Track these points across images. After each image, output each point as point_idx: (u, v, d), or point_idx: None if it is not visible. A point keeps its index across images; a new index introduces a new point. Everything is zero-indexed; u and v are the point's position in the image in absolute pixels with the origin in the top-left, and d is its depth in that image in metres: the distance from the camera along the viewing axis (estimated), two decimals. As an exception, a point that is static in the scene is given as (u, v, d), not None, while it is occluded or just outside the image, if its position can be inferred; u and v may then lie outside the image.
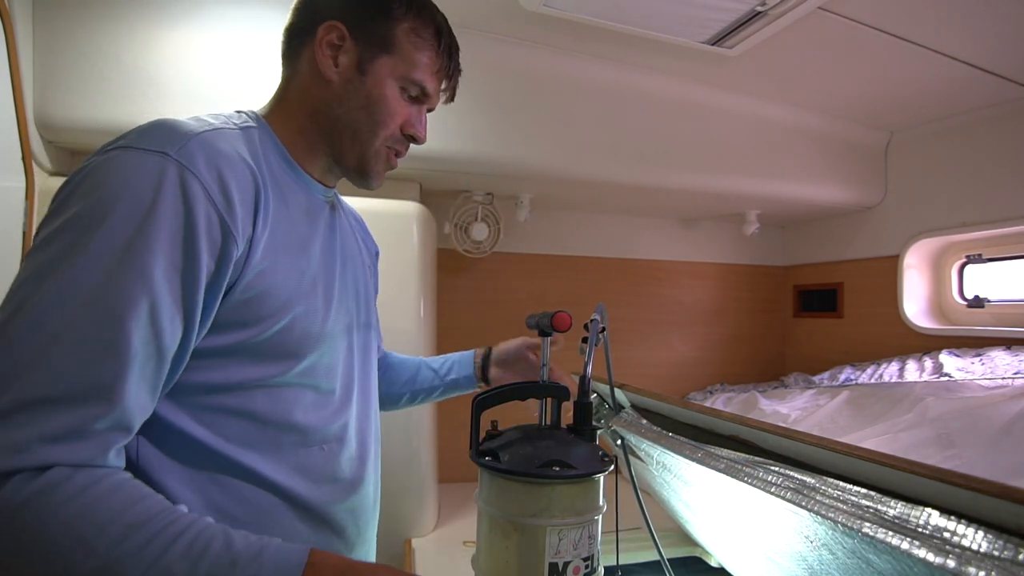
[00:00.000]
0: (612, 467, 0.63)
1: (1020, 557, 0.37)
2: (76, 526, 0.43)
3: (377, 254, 0.96)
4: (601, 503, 0.62)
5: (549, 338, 0.78)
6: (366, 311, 0.80)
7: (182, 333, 0.53)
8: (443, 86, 0.75)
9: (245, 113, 0.68)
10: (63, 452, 0.44)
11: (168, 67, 1.23)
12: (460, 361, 0.97)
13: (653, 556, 1.26)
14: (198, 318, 0.54)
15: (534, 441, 0.63)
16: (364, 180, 0.73)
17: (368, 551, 0.75)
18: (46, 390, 0.44)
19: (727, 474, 0.63)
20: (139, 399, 0.49)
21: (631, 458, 0.92)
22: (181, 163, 0.52)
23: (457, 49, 0.76)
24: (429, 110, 0.76)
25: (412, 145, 0.74)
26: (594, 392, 0.99)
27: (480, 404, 0.66)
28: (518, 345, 0.95)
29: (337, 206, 0.78)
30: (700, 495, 0.86)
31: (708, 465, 0.66)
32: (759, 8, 1.17)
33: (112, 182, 0.50)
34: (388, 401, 0.99)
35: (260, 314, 0.59)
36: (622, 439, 0.85)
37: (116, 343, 0.47)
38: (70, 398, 0.45)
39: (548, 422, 0.70)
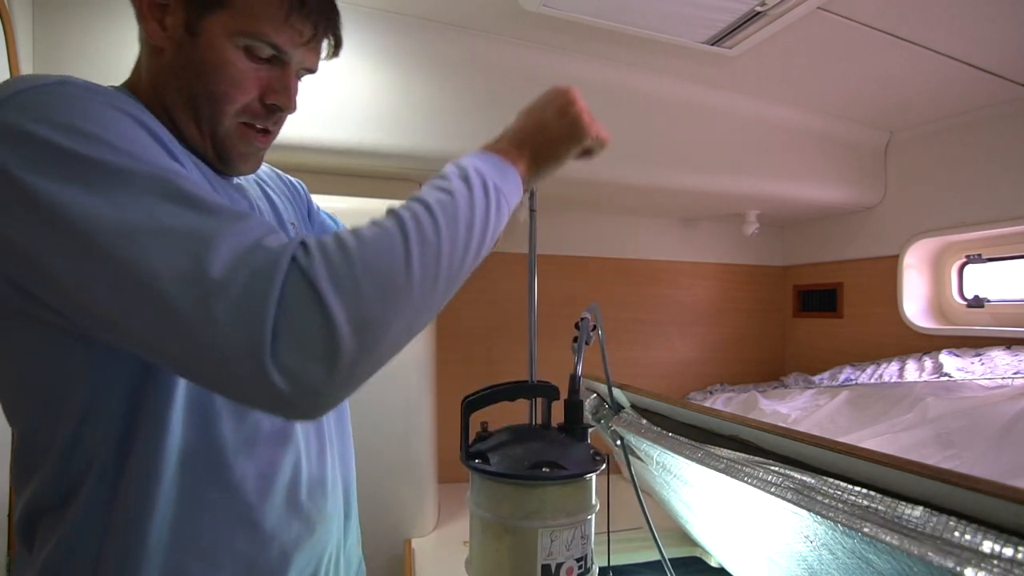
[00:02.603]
0: (604, 466, 0.62)
1: (1020, 557, 0.37)
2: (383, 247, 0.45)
3: (307, 198, 0.87)
4: (593, 503, 0.62)
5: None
6: None
7: None
8: (304, 38, 0.59)
9: (107, 87, 0.57)
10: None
11: (168, 67, 1.22)
12: None
13: (653, 556, 1.26)
14: None
15: (524, 442, 0.63)
16: (226, 165, 0.61)
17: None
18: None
19: (727, 474, 0.63)
20: None
21: (631, 458, 0.92)
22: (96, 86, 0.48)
23: None
24: (307, 71, 0.63)
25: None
26: (594, 392, 0.99)
27: (469, 406, 0.66)
28: None
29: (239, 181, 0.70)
30: (700, 495, 0.86)
31: (708, 465, 0.66)
32: (759, 8, 1.17)
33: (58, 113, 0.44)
34: None
35: None
36: (622, 439, 0.85)
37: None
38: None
39: (538, 422, 0.69)
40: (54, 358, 0.49)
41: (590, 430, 0.68)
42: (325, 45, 0.63)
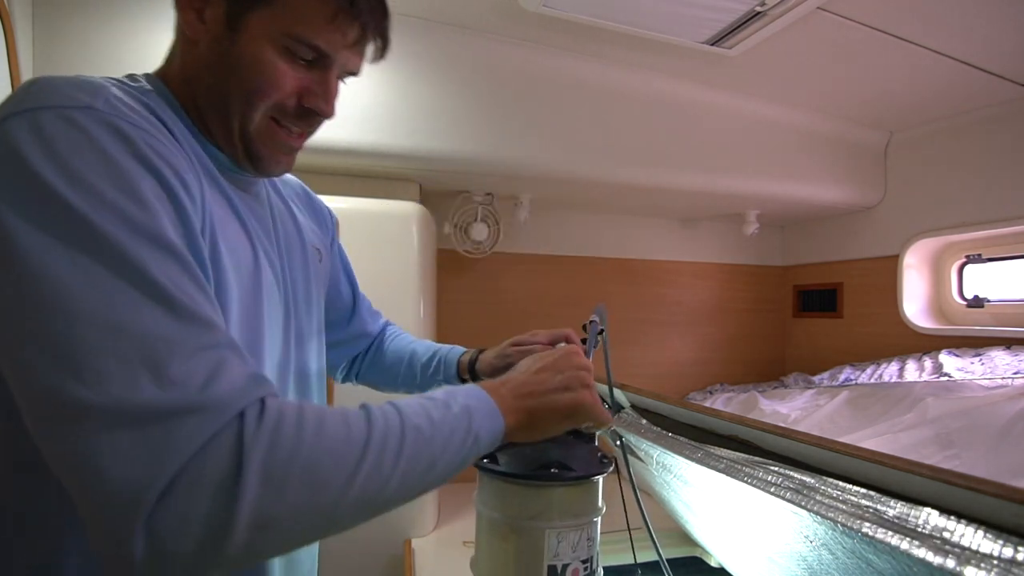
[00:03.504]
0: (611, 468, 0.63)
1: (1020, 557, 0.37)
2: (317, 456, 0.39)
3: (333, 229, 0.84)
4: (600, 505, 0.62)
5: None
6: (306, 303, 0.68)
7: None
8: (350, 40, 0.56)
9: (139, 76, 0.56)
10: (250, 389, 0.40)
11: (168, 67, 1.22)
12: (446, 362, 0.88)
13: (653, 556, 1.26)
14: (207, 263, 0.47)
15: (532, 443, 0.63)
16: (255, 166, 0.58)
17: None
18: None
19: (727, 474, 0.63)
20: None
21: (631, 458, 0.92)
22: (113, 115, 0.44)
23: None
24: (350, 74, 0.60)
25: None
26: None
27: None
28: (498, 352, 0.85)
29: (268, 184, 0.67)
30: (700, 495, 0.86)
31: (708, 465, 0.66)
32: (758, 8, 1.17)
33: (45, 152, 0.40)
34: (383, 388, 0.94)
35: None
36: (622, 439, 0.85)
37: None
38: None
39: None
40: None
41: (597, 432, 0.68)
42: (371, 47, 0.60)
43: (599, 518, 0.62)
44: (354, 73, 0.60)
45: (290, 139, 0.59)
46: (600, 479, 0.62)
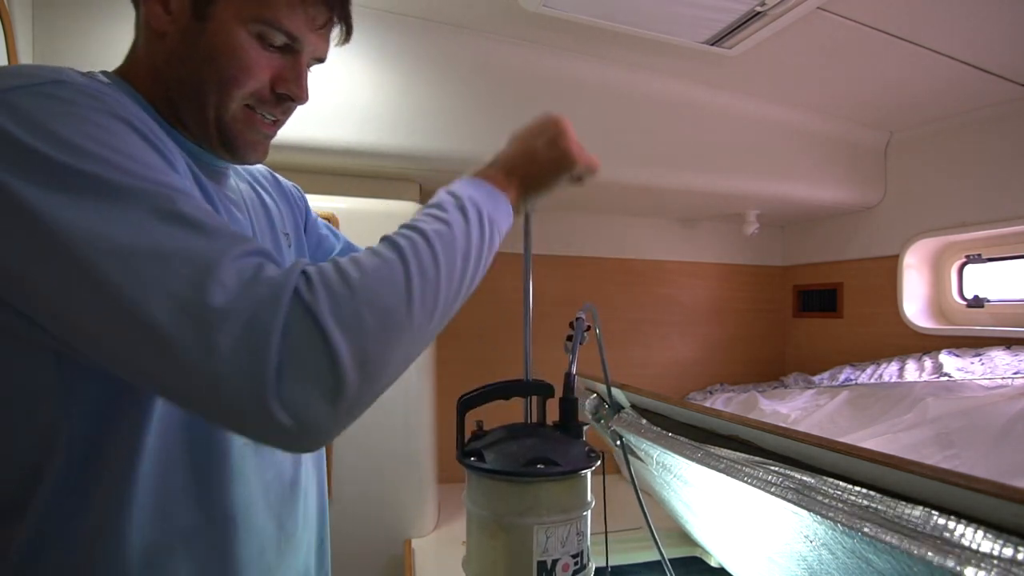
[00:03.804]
0: (599, 463, 0.62)
1: (1020, 557, 0.37)
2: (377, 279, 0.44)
3: (304, 204, 0.84)
4: (589, 499, 0.62)
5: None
6: None
7: None
8: (318, 23, 0.56)
9: (97, 73, 0.54)
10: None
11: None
12: None
13: (653, 556, 1.26)
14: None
15: (519, 439, 0.63)
16: (232, 154, 0.59)
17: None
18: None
19: (727, 474, 0.63)
20: None
21: (631, 458, 0.92)
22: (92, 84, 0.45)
23: None
24: (318, 60, 0.61)
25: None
26: (594, 392, 0.99)
27: (464, 404, 0.66)
28: None
29: (237, 174, 0.68)
30: (700, 495, 0.86)
31: (708, 465, 0.66)
32: (758, 8, 1.17)
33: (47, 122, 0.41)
34: None
35: None
36: (622, 439, 0.85)
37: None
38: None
39: (533, 420, 0.69)
40: (21, 373, 0.46)
41: (585, 427, 0.68)
42: (336, 31, 0.61)
43: (588, 512, 0.62)
44: (321, 59, 0.61)
45: (265, 126, 0.59)
46: (588, 473, 0.62)
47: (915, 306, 2.00)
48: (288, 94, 0.57)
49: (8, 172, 0.39)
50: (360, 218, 1.40)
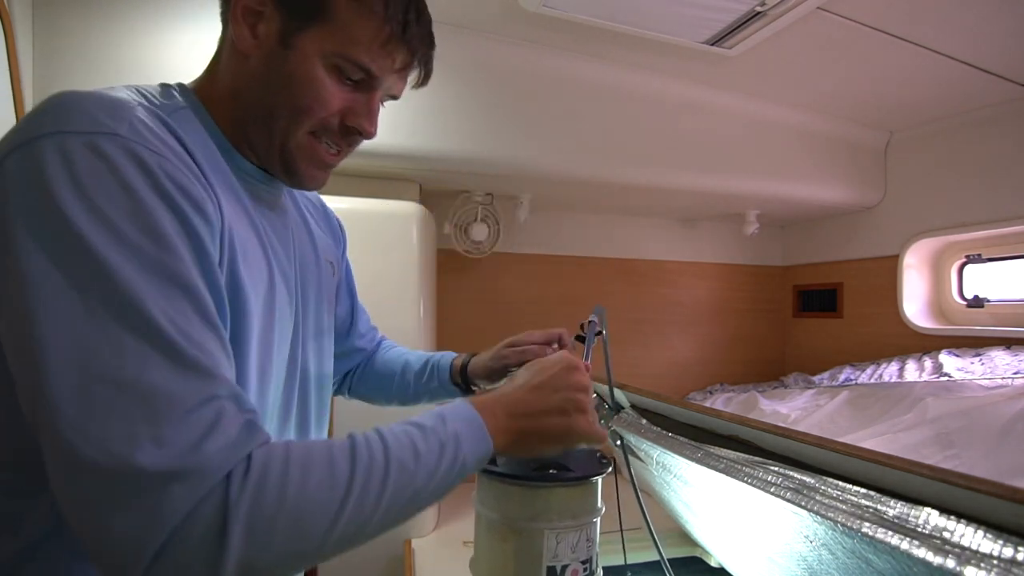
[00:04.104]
0: (610, 469, 0.62)
1: (1020, 557, 0.37)
2: (302, 503, 0.41)
3: (344, 243, 0.86)
4: (599, 506, 0.62)
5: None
6: (316, 322, 0.69)
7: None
8: (398, 65, 0.58)
9: (173, 89, 0.56)
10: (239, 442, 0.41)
11: (168, 67, 1.22)
12: (439, 367, 0.88)
13: (653, 556, 1.26)
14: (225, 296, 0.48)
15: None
16: (290, 179, 0.60)
17: None
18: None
19: (727, 474, 0.63)
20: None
21: (631, 458, 0.92)
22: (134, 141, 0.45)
23: (422, 18, 0.59)
24: (392, 98, 0.62)
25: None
26: (595, 392, 0.99)
27: None
28: (493, 354, 0.84)
29: (287, 196, 0.69)
30: (700, 495, 0.86)
31: (708, 465, 0.66)
32: (758, 8, 1.17)
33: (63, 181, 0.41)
34: (375, 400, 0.95)
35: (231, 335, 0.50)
36: (622, 439, 0.85)
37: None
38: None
39: None
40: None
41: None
42: (414, 74, 0.61)
43: (598, 519, 0.62)
44: (395, 97, 0.62)
45: (328, 156, 0.60)
46: (599, 480, 0.62)
47: (915, 306, 2.00)
48: (356, 128, 0.58)
49: (27, 228, 0.40)
50: (360, 218, 1.40)
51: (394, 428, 0.49)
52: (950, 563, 0.40)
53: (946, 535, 0.41)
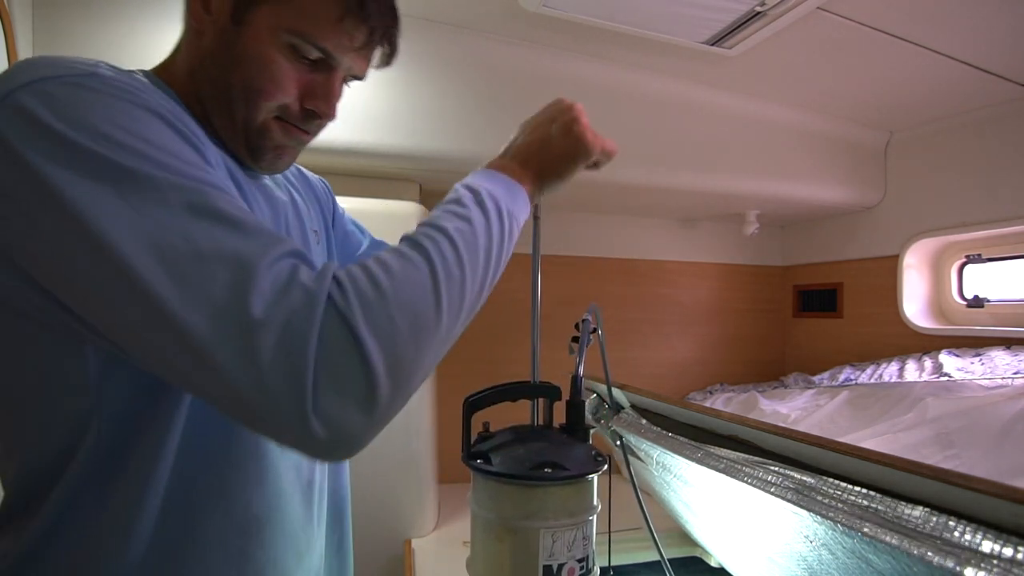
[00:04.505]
0: (605, 467, 0.62)
1: (1020, 557, 0.37)
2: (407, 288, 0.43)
3: (331, 198, 0.85)
4: (595, 503, 0.62)
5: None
6: None
7: None
8: (357, 44, 0.54)
9: (135, 73, 0.54)
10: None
11: (168, 67, 1.22)
12: None
13: (653, 556, 1.26)
14: None
15: (526, 442, 0.62)
16: (257, 162, 0.58)
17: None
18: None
19: (727, 474, 0.63)
20: None
21: (631, 458, 0.92)
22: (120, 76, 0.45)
23: None
24: (355, 78, 0.59)
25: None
26: (594, 392, 0.99)
27: (471, 406, 0.66)
28: None
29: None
30: (700, 495, 0.86)
31: (708, 465, 0.66)
32: (758, 8, 1.17)
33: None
34: None
35: None
36: (622, 439, 0.85)
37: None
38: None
39: (540, 422, 0.69)
40: (57, 363, 0.46)
41: (591, 431, 0.68)
42: (378, 52, 0.59)
43: (594, 517, 0.62)
44: (359, 77, 0.60)
45: (291, 138, 0.58)
46: (594, 478, 0.62)
47: (915, 306, 2.00)
48: (315, 110, 0.56)
49: (44, 160, 0.39)
50: (360, 218, 1.39)
51: (431, 214, 0.50)
52: (950, 563, 0.40)
53: (946, 535, 0.41)
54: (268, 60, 0.52)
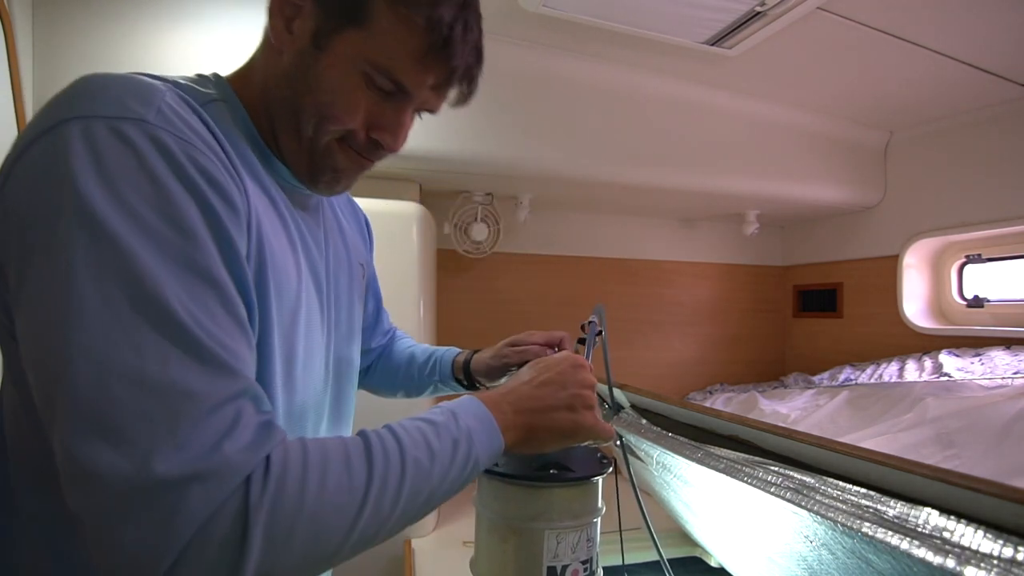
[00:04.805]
0: (610, 469, 0.62)
1: (1020, 557, 0.37)
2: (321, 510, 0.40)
3: (370, 244, 0.86)
4: (599, 506, 0.62)
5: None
6: (348, 323, 0.69)
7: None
8: (435, 82, 0.54)
9: (208, 79, 0.55)
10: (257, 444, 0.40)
11: (168, 68, 1.23)
12: (441, 362, 0.89)
13: (653, 556, 1.26)
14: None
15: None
16: (312, 183, 0.58)
17: None
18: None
19: (727, 474, 0.63)
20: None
21: (631, 458, 0.92)
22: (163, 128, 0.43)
23: (469, 34, 0.54)
24: (426, 110, 0.59)
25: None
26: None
27: None
28: (494, 353, 0.85)
29: (321, 199, 0.67)
30: (700, 495, 0.86)
31: (708, 465, 0.66)
32: (758, 8, 1.17)
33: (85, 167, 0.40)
34: (382, 393, 0.96)
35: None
36: (622, 439, 0.85)
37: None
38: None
39: None
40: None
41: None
42: (456, 91, 0.58)
43: (599, 519, 0.62)
44: (432, 111, 0.59)
45: (352, 165, 0.57)
46: (600, 480, 0.62)
47: (915, 306, 2.00)
48: (380, 142, 0.56)
49: (60, 213, 0.39)
50: (360, 218, 1.40)
51: (406, 424, 0.48)
52: (950, 563, 0.40)
53: (946, 535, 0.41)
54: (344, 89, 0.52)
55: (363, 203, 1.44)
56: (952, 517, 0.42)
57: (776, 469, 0.58)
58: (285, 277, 0.53)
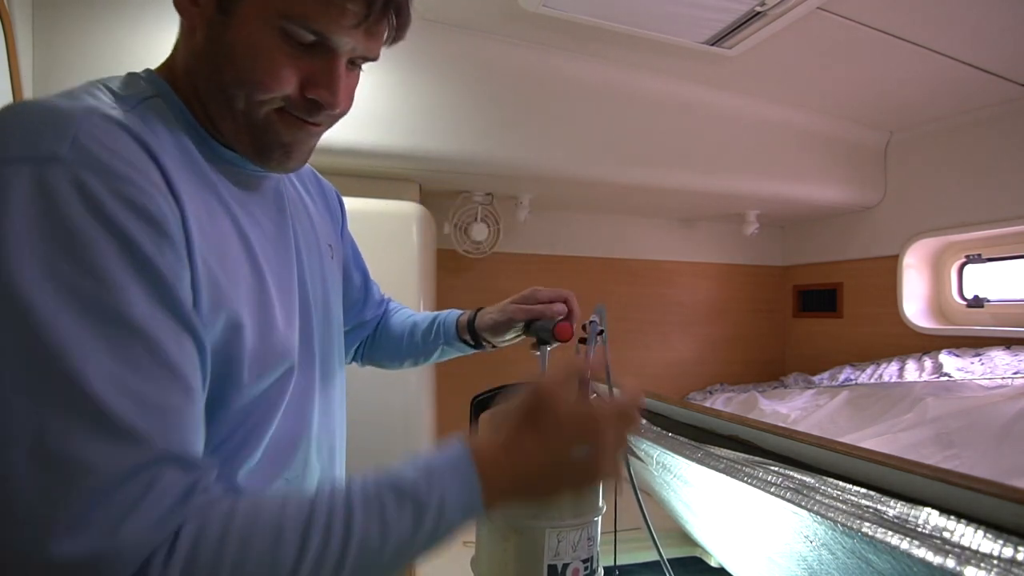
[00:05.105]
0: None
1: (1020, 557, 0.37)
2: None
3: (342, 217, 0.80)
4: (600, 504, 0.62)
5: (548, 348, 0.77)
6: (325, 322, 0.65)
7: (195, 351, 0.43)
8: (353, 20, 0.48)
9: (140, 77, 0.51)
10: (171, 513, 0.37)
11: (168, 67, 1.22)
12: (445, 325, 0.86)
13: (653, 556, 1.26)
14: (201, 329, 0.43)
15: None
16: (267, 161, 0.53)
17: None
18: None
19: (727, 474, 0.63)
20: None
21: (631, 458, 0.92)
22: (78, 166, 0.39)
23: None
24: (362, 59, 0.54)
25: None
26: (594, 393, 0.99)
27: (479, 405, 0.66)
28: (500, 308, 0.81)
29: (281, 179, 0.62)
30: (700, 495, 0.86)
31: (708, 465, 0.66)
32: (758, 8, 1.17)
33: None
34: (388, 365, 0.94)
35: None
36: (622, 439, 0.85)
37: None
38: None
39: None
40: None
41: None
42: (385, 26, 0.52)
43: (599, 517, 0.62)
44: (371, 58, 0.54)
45: (300, 133, 0.53)
46: None
47: (915, 306, 2.00)
48: (318, 100, 0.50)
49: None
50: (360, 218, 1.39)
51: (368, 486, 0.42)
52: (950, 563, 0.40)
53: (946, 535, 0.41)
54: (260, 49, 0.47)
55: (363, 203, 1.44)
56: (952, 517, 0.42)
57: (776, 469, 0.58)
58: (241, 285, 0.50)
